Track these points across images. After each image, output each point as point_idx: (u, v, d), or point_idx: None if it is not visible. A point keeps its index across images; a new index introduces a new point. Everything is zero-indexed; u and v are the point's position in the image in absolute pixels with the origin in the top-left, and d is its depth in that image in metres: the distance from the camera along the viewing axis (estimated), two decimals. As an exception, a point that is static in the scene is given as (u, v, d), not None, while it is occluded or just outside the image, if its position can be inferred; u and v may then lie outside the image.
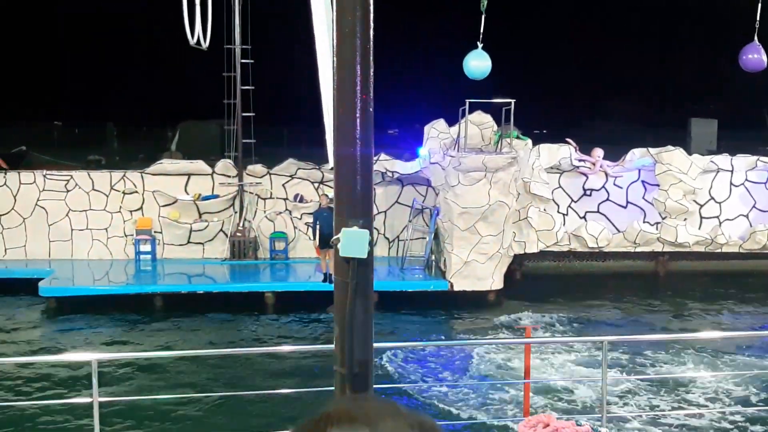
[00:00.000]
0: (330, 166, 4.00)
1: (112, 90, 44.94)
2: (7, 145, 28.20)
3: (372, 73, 3.77)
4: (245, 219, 20.05)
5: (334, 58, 3.80)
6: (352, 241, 3.73)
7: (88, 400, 6.81)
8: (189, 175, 20.30)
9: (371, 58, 3.75)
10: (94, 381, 6.42)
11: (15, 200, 19.89)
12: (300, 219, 20.32)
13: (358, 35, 3.68)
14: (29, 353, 14.09)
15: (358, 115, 3.70)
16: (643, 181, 20.83)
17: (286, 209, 20.40)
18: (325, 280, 17.54)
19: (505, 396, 12.16)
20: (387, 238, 20.34)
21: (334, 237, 3.81)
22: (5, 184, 19.87)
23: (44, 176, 20.04)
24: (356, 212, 3.77)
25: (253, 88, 20.01)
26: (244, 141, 20.11)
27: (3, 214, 19.85)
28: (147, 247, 19.86)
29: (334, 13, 3.77)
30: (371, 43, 3.75)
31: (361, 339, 3.76)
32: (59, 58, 48.97)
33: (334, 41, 3.77)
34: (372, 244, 3.78)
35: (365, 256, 3.73)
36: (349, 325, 3.74)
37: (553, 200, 20.16)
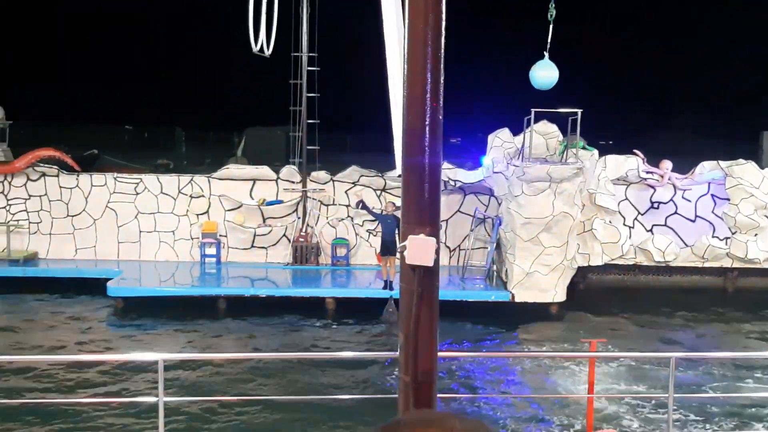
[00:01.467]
0: (397, 173, 3.99)
1: (182, 95, 45.92)
2: (80, 148, 29.06)
3: (442, 81, 3.75)
4: (308, 225, 20.23)
5: (405, 66, 3.80)
6: (418, 249, 3.71)
7: (153, 399, 6.93)
8: (254, 180, 20.59)
9: (442, 66, 3.74)
10: (161, 381, 6.52)
11: (86, 202, 20.45)
12: (362, 226, 20.40)
13: (429, 43, 3.67)
14: (96, 352, 14.41)
15: (427, 123, 3.69)
16: (712, 195, 20.30)
17: (348, 216, 20.51)
18: (385, 288, 17.56)
19: (567, 411, 11.96)
20: (448, 247, 20.26)
21: (401, 244, 3.79)
22: (77, 186, 20.46)
23: (115, 179, 20.57)
24: (423, 220, 3.75)
25: (318, 95, 20.22)
26: (309, 147, 20.32)
27: (75, 215, 20.44)
28: (212, 251, 20.20)
29: (406, 20, 3.77)
30: (442, 50, 3.74)
31: (426, 347, 3.73)
32: (131, 64, 50.25)
33: (405, 48, 3.77)
34: (438, 252, 3.75)
35: (431, 264, 3.71)
36: (414, 333, 3.71)
37: (619, 212, 19.79)
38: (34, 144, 22.47)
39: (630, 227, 20.12)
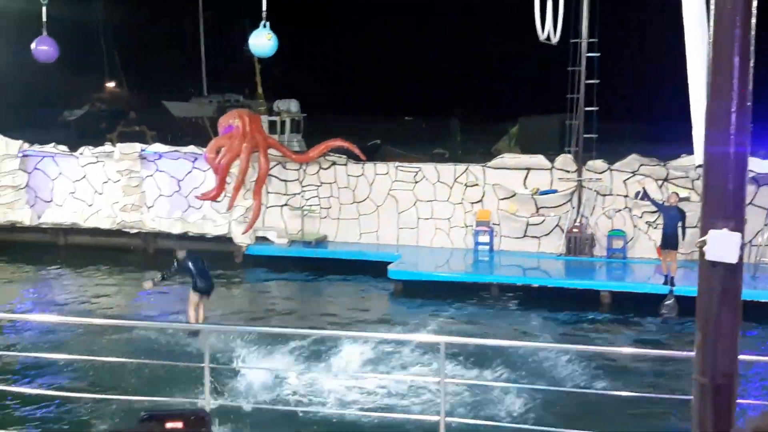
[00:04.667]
0: (697, 163, 3.79)
1: (458, 86, 46.93)
2: (365, 139, 30.94)
3: (752, 66, 3.49)
4: (583, 215, 19.80)
5: (710, 50, 3.58)
6: (720, 244, 3.50)
7: (435, 379, 7.21)
8: (528, 169, 20.54)
9: (752, 49, 3.49)
10: (443, 362, 6.78)
11: (370, 189, 21.71)
12: (641, 217, 19.55)
13: (738, 26, 3.44)
14: (379, 330, 15.27)
15: (733, 110, 3.46)
16: None
17: (626, 207, 19.75)
18: (665, 283, 16.70)
19: None
20: (737, 243, 18.74)
21: (700, 239, 3.60)
22: (363, 174, 21.77)
23: (396, 168, 21.60)
24: (726, 213, 3.53)
25: (597, 82, 19.65)
26: (586, 136, 19.84)
27: (359, 202, 21.78)
28: (485, 239, 20.50)
29: (711, 3, 3.55)
30: (752, 33, 3.48)
31: (727, 349, 3.52)
32: (409, 58, 52.30)
33: (710, 31, 3.55)
34: (743, 248, 3.51)
35: (735, 260, 3.48)
36: (714, 334, 3.51)
37: None
38: (324, 135, 24.26)
39: None
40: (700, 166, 3.73)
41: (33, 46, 19.15)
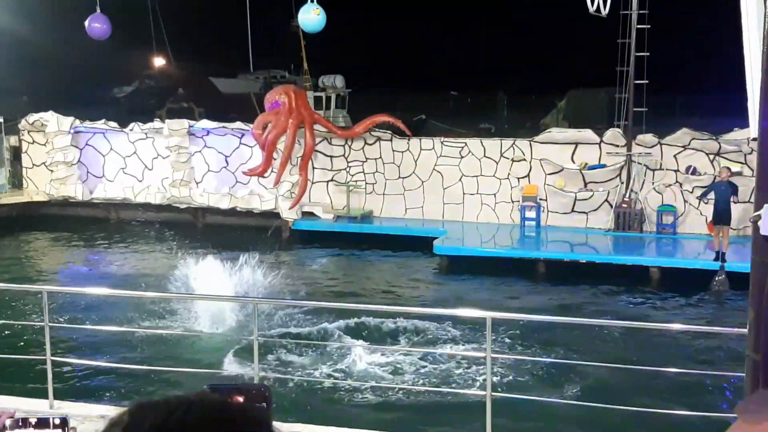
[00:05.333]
0: (752, 136, 3.70)
1: (505, 60, 46.38)
2: (410, 114, 30.84)
3: (811, 35, 3.38)
4: (632, 190, 19.52)
5: (765, 20, 3.48)
6: (775, 220, 3.42)
7: (481, 354, 7.22)
8: (576, 143, 20.30)
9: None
10: (488, 337, 6.78)
11: (415, 165, 21.67)
12: (691, 192, 19.21)
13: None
14: (424, 306, 15.30)
15: (791, 81, 3.36)
16: None
17: (677, 181, 19.42)
18: (717, 259, 16.43)
19: None
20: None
21: (754, 214, 3.52)
22: (408, 149, 21.74)
23: (441, 143, 21.53)
24: (782, 188, 3.44)
25: (647, 54, 19.25)
26: (635, 109, 19.49)
27: (405, 177, 21.77)
28: (532, 214, 20.36)
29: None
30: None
31: (780, 326, 3.44)
32: (454, 31, 51.83)
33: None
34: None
35: (791, 236, 3.40)
36: (767, 310, 3.44)
37: None
38: (369, 110, 24.27)
39: None
40: (755, 139, 3.65)
41: (86, 23, 19.43)
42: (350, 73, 37.35)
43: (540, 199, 20.48)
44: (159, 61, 42.01)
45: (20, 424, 3.06)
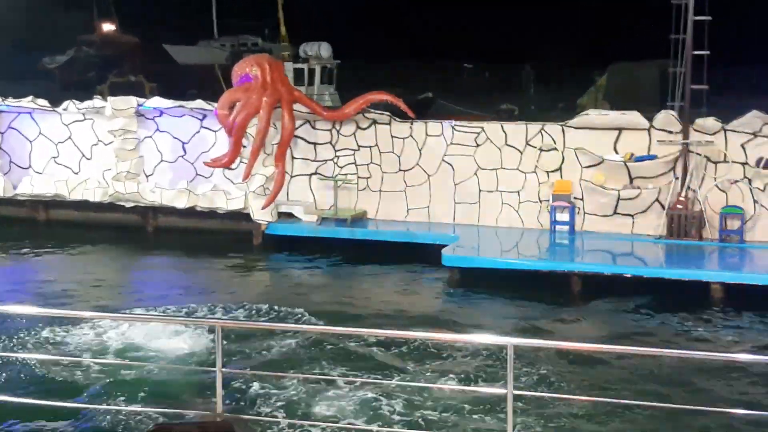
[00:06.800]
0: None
1: (531, 26, 46.48)
2: (414, 91, 30.90)
3: None
4: (689, 188, 19.55)
5: None
6: None
7: (502, 391, 7.21)
8: (620, 129, 20.31)
9: None
10: (510, 369, 6.77)
11: (420, 154, 21.66)
12: (763, 191, 19.24)
13: None
14: (428, 329, 15.28)
15: None
16: None
17: (745, 177, 19.45)
18: (794, 274, 16.45)
19: None
20: None
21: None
22: (411, 135, 21.73)
23: (453, 128, 21.52)
24: None
25: (710, 18, 19.27)
26: (693, 87, 19.51)
27: (407, 170, 21.75)
28: (564, 216, 20.37)
29: None
30: None
31: None
32: (472, -11, 51.88)
33: None
34: None
35: None
36: None
37: None
38: (363, 87, 24.32)
39: None
40: None
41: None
42: (339, 40, 37.39)
43: (575, 198, 20.49)
44: (101, 24, 42.01)
45: None
